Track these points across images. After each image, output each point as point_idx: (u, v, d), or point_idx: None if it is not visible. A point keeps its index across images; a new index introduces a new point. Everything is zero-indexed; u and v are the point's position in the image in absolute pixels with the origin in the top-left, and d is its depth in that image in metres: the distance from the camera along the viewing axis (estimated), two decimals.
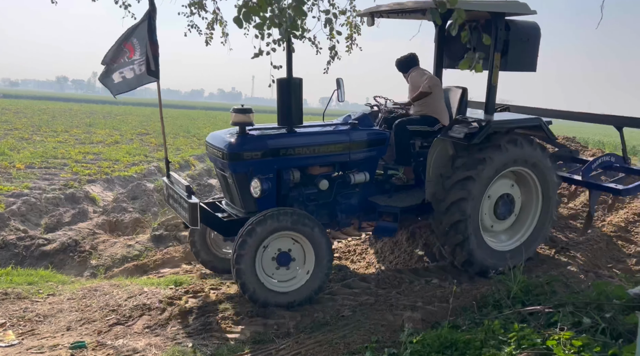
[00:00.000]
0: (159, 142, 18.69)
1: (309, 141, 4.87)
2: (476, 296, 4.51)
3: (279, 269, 4.44)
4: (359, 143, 5.06)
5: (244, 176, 4.63)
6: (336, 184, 5.04)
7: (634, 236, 6.11)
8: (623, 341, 3.27)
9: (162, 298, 4.62)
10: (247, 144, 4.60)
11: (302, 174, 4.89)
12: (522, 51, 5.12)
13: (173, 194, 4.80)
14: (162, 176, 12.07)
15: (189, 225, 4.46)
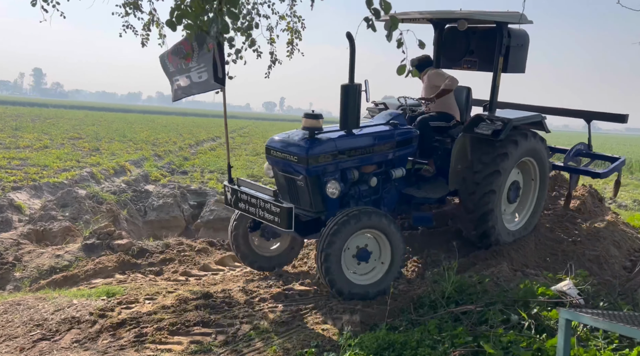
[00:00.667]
0: (92, 147, 17.91)
1: (367, 142, 5.20)
2: (413, 297, 4.62)
3: (360, 264, 4.74)
4: (400, 141, 5.47)
5: (316, 178, 4.89)
6: (381, 180, 5.44)
7: (559, 237, 6.50)
8: (547, 335, 3.46)
9: (93, 310, 4.40)
10: (320, 147, 4.82)
11: (359, 173, 5.23)
12: (516, 55, 5.75)
13: (248, 198, 4.95)
14: (95, 183, 11.53)
15: (282, 229, 4.68)
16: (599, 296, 4.16)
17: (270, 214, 4.69)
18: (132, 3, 7.05)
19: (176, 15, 2.14)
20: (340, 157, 4.95)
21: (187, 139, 24.39)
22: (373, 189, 5.36)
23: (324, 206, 4.98)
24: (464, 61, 6.38)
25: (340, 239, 4.46)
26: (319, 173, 4.86)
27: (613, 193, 7.41)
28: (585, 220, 6.78)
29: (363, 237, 4.71)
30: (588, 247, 6.03)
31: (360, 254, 4.71)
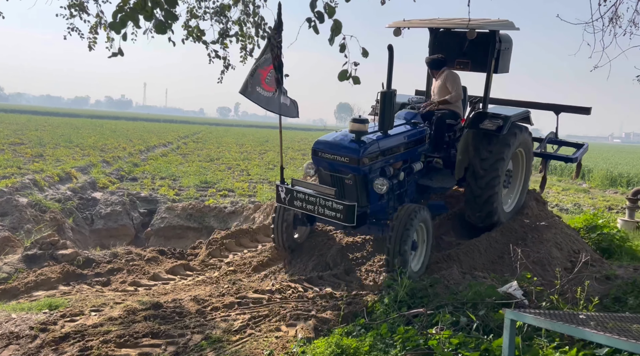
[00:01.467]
0: (36, 153, 17.11)
1: (399, 142, 5.83)
2: (366, 302, 4.67)
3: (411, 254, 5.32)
4: (420, 139, 6.18)
5: (363, 176, 5.45)
6: (406, 174, 6.04)
7: (507, 240, 6.73)
8: (494, 336, 3.57)
9: (34, 324, 4.19)
10: (369, 149, 5.38)
11: (393, 169, 5.81)
12: (504, 58, 6.45)
13: (305, 197, 5.42)
14: (38, 190, 11.01)
15: (344, 223, 5.17)
16: (542, 296, 4.33)
17: (332, 211, 5.22)
18: (77, 4, 6.81)
19: (120, 17, 2.08)
20: (382, 157, 5.58)
21: (137, 144, 23.71)
22: (401, 182, 5.98)
23: (368, 201, 5.60)
24: (457, 62, 6.98)
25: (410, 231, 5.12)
26: (367, 172, 5.44)
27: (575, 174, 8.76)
28: (530, 224, 7.07)
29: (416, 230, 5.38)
30: (532, 250, 6.29)
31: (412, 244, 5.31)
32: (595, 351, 3.31)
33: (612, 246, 7.50)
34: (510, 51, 6.66)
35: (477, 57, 6.67)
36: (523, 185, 7.14)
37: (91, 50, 7.44)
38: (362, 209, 5.51)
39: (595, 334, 2.57)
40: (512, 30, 6.33)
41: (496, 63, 6.35)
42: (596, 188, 20.23)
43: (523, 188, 7.15)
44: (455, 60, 6.96)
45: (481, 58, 6.45)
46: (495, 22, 6.10)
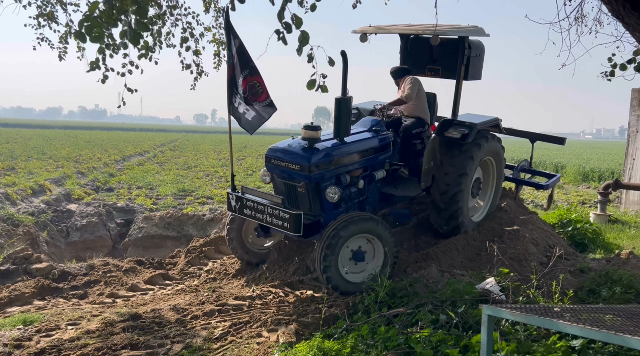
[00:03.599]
0: (7, 166, 16.71)
1: (357, 149, 5.71)
2: (347, 304, 4.68)
3: (356, 264, 5.18)
4: (382, 146, 6.04)
5: (316, 184, 5.33)
6: (366, 182, 5.93)
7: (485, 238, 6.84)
8: (473, 332, 3.62)
9: (8, 340, 4.08)
10: (320, 156, 5.27)
11: (350, 177, 5.68)
12: (475, 64, 6.40)
13: (254, 205, 5.31)
14: (10, 204, 10.75)
15: (290, 233, 5.06)
16: (519, 291, 4.41)
17: (279, 220, 5.11)
18: (46, 14, 6.70)
19: (85, 26, 2.06)
20: (336, 164, 5.44)
21: (112, 154, 23.35)
22: (360, 191, 5.86)
23: (322, 210, 5.47)
24: (428, 68, 6.94)
25: (339, 242, 4.93)
26: (319, 180, 5.32)
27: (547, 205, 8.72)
28: (507, 221, 7.19)
29: (359, 240, 5.19)
30: (510, 246, 6.39)
31: (356, 254, 5.18)
32: (571, 343, 3.39)
33: (585, 239, 7.68)
34: (482, 58, 6.60)
35: (447, 64, 6.60)
36: (494, 194, 7.05)
37: (61, 60, 7.34)
38: (314, 218, 5.42)
39: (569, 326, 2.62)
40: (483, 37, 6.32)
41: (466, 70, 6.29)
42: (569, 183, 20.67)
43: (494, 196, 7.07)
44: (426, 67, 6.92)
45: (452, 65, 6.40)
46: (463, 28, 6.07)
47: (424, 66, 6.96)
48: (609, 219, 9.97)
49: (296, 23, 2.46)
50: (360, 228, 5.07)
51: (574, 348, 3.35)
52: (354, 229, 5.03)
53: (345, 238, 4.99)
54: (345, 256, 5.13)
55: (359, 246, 5.21)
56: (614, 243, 7.86)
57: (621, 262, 6.06)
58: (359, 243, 5.21)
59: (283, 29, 2.47)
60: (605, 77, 4.33)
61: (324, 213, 5.45)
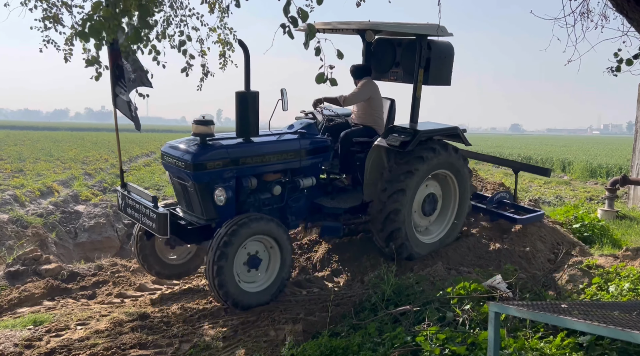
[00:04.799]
0: (15, 168, 16.84)
1: (266, 150, 5.20)
2: (354, 302, 4.69)
3: (250, 271, 4.78)
4: (308, 150, 5.48)
5: (206, 185, 4.86)
6: (287, 189, 5.43)
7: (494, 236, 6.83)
8: (480, 329, 3.62)
9: (19, 340, 4.13)
10: (209, 154, 4.81)
11: (259, 180, 5.18)
12: (440, 68, 5.79)
13: (133, 204, 4.91)
14: (19, 206, 10.84)
15: (158, 235, 4.63)
16: (526, 288, 4.40)
17: (150, 221, 4.65)
18: (52, 17, 6.75)
19: (89, 26, 2.07)
20: (233, 165, 4.93)
21: None
22: (277, 197, 5.35)
23: (217, 213, 4.96)
24: (391, 72, 6.41)
25: (232, 248, 4.50)
26: (208, 180, 4.83)
27: None
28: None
29: (256, 244, 4.79)
30: (517, 243, 6.38)
31: (251, 260, 4.75)
32: (579, 339, 3.38)
33: (593, 236, 7.65)
34: (450, 61, 5.91)
35: (409, 68, 5.95)
36: (458, 214, 6.21)
37: (67, 62, 7.39)
38: (204, 222, 4.95)
39: (577, 322, 2.62)
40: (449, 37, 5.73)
41: (426, 73, 5.68)
42: (577, 179, 20.55)
43: (458, 216, 6.23)
44: (389, 71, 6.40)
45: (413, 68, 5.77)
46: (419, 26, 5.51)
47: (387, 69, 6.42)
48: (617, 215, 9.91)
49: (302, 16, 2.46)
50: (257, 229, 4.64)
51: (582, 345, 3.35)
52: (249, 232, 4.58)
53: (240, 242, 4.55)
54: (240, 263, 4.68)
55: (256, 251, 4.78)
56: (622, 239, 7.82)
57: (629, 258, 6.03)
58: (255, 248, 4.78)
59: (289, 22, 2.47)
60: (612, 73, 4.31)
61: (220, 218, 4.88)
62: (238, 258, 4.62)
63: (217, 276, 4.43)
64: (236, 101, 4.90)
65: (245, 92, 4.88)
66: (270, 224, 4.73)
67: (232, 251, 4.50)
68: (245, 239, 4.58)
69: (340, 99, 5.80)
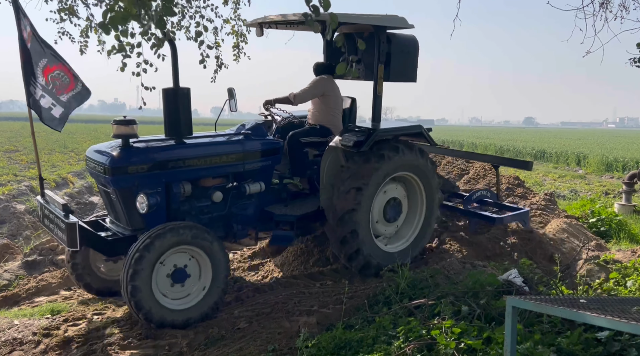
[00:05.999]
0: (30, 160, 17.05)
1: (200, 152, 4.73)
2: (368, 295, 4.68)
3: (174, 286, 4.25)
4: (253, 153, 5.03)
5: (128, 191, 4.40)
6: (231, 195, 4.97)
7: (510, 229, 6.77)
8: (495, 323, 3.60)
9: (37, 329, 4.19)
10: (131, 157, 4.36)
11: (194, 186, 4.73)
12: (402, 63, 5.37)
13: (48, 214, 4.50)
14: (35, 196, 11.01)
15: (67, 247, 4.24)
16: (542, 283, 4.36)
17: (60, 231, 4.22)
18: (67, 9, 6.80)
19: (110, 17, 2.07)
20: (160, 169, 4.46)
21: None
22: (218, 205, 4.88)
23: (144, 223, 4.45)
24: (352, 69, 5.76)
25: (152, 255, 3.99)
26: (130, 185, 4.36)
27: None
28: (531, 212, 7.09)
29: (183, 256, 4.28)
30: (533, 237, 6.32)
31: (176, 274, 4.22)
32: (597, 335, 3.34)
33: (610, 230, 7.56)
34: (413, 56, 5.47)
35: (370, 64, 5.44)
36: (425, 219, 5.69)
37: (82, 54, 7.44)
38: (130, 232, 4.49)
39: (596, 317, 2.58)
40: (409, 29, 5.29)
41: (387, 69, 5.26)
42: (592, 173, 20.29)
43: (426, 222, 5.70)
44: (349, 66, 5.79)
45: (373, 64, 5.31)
46: (371, 17, 5.04)
47: (347, 64, 5.72)
48: (634, 209, 9.77)
49: (324, 5, 2.41)
50: (182, 238, 4.13)
51: (600, 340, 3.31)
52: (173, 240, 4.09)
53: (162, 251, 4.05)
54: (162, 275, 4.18)
55: (184, 265, 4.27)
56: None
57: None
58: (183, 260, 4.27)
59: (311, 12, 2.43)
60: (634, 64, 4.23)
61: (148, 227, 4.31)
62: (158, 273, 4.11)
63: (132, 296, 3.93)
64: (163, 99, 4.52)
65: (175, 89, 4.51)
66: (194, 234, 4.18)
67: (148, 268, 3.97)
68: (162, 252, 4.05)
69: (291, 97, 5.42)
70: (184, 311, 4.24)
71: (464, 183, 9.87)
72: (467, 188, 9.41)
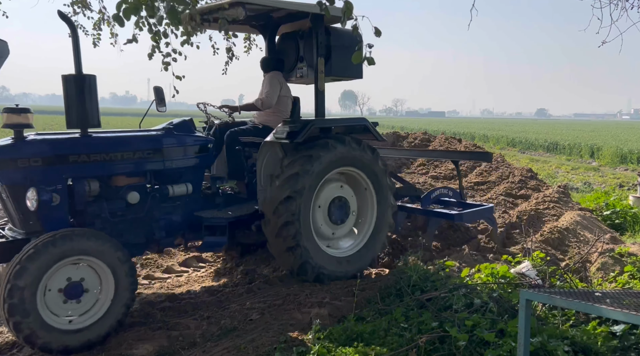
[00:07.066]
0: None
1: (108, 146, 4.24)
2: (380, 287, 4.68)
3: (68, 303, 3.66)
4: (175, 150, 4.57)
5: (19, 188, 3.88)
6: (150, 197, 4.48)
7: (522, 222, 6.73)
8: (508, 316, 3.58)
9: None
10: (20, 149, 3.88)
11: (104, 185, 4.24)
12: (346, 58, 4.97)
13: None
14: None
15: None
16: (556, 276, 4.32)
17: None
18: (80, 2, 6.83)
19: (124, 9, 2.07)
20: (60, 163, 3.98)
21: None
22: (135, 207, 4.37)
23: (40, 225, 3.92)
24: (297, 69, 5.61)
25: (37, 267, 3.43)
26: (23, 182, 3.88)
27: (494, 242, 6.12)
28: (544, 204, 7.04)
29: (76, 267, 3.70)
30: (546, 230, 6.28)
31: (69, 290, 3.65)
32: (612, 328, 3.31)
33: (624, 223, 7.47)
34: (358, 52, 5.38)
35: (312, 60, 5.18)
36: (378, 219, 5.27)
37: (96, 47, 7.47)
38: (26, 236, 3.95)
39: (612, 311, 2.56)
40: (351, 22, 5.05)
41: (328, 63, 5.00)
42: (606, 165, 20.05)
43: (379, 222, 5.27)
44: (295, 68, 5.60)
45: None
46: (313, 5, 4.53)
47: (292, 67, 5.63)
48: None
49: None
50: (76, 248, 3.59)
51: (615, 334, 3.28)
52: (63, 250, 3.53)
53: (50, 263, 3.48)
54: (53, 290, 3.59)
55: (80, 278, 3.69)
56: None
57: None
58: (79, 273, 3.70)
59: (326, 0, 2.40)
60: None
61: (44, 230, 3.84)
62: (46, 289, 3.55)
63: (10, 316, 3.36)
64: (64, 87, 4.03)
65: (77, 76, 4.00)
66: (92, 241, 3.66)
67: (31, 283, 3.40)
68: (51, 264, 3.49)
69: (257, 103, 5.23)
70: (80, 332, 3.65)
71: (476, 176, 9.82)
72: (479, 181, 9.37)
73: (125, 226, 4.35)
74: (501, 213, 7.36)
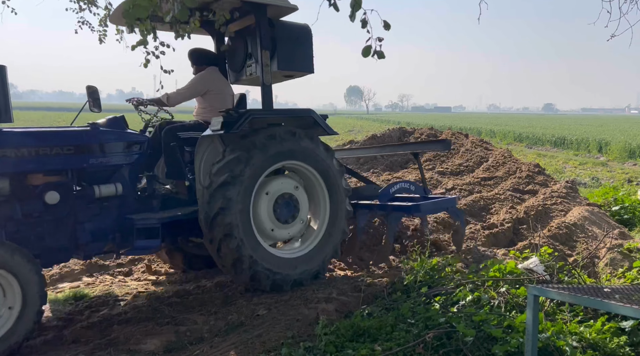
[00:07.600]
0: None
1: (20, 141, 3.86)
2: (386, 283, 4.68)
3: None
4: (100, 146, 4.25)
5: None
6: (73, 198, 4.12)
7: (530, 218, 6.70)
8: (516, 312, 3.57)
9: (61, 315, 4.28)
10: None
11: (15, 183, 3.88)
12: (293, 51, 4.85)
13: None
14: None
15: None
16: (564, 271, 4.30)
17: None
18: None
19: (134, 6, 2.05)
20: None
21: None
22: (54, 208, 4.00)
23: None
24: (246, 68, 5.28)
25: None
26: None
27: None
28: (552, 199, 7.00)
29: None
30: (554, 225, 6.25)
31: None
32: (620, 324, 3.29)
33: (633, 218, 7.42)
34: (307, 45, 4.96)
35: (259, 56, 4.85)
36: (331, 216, 4.99)
37: (102, 43, 7.47)
38: None
39: (621, 306, 2.54)
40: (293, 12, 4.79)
41: (274, 57, 4.75)
42: (614, 160, 19.90)
43: (332, 218, 4.98)
44: (245, 67, 5.29)
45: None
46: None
47: (241, 66, 5.29)
48: None
49: None
50: None
51: (624, 330, 3.26)
52: None
53: None
54: None
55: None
56: None
57: None
58: None
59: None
60: None
61: None
62: None
63: None
64: None
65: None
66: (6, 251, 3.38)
67: None
68: None
69: (164, 98, 4.92)
70: None
71: (483, 171, 9.78)
72: (486, 176, 9.32)
73: (43, 229, 3.98)
74: (508, 209, 7.33)
